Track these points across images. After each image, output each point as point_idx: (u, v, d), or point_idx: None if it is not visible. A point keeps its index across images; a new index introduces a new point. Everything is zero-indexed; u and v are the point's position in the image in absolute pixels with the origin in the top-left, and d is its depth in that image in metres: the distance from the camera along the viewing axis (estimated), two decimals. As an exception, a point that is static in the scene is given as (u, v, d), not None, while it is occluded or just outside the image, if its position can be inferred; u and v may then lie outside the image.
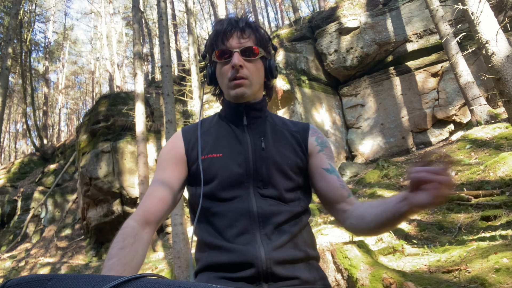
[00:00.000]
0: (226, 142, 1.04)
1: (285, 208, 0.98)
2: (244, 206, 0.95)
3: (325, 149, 1.11)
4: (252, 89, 1.02)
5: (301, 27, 12.06)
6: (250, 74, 1.01)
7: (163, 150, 1.10)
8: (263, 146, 1.01)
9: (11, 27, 10.79)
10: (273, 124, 1.10)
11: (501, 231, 3.89)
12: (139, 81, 10.17)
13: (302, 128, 1.13)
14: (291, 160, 1.03)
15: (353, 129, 11.08)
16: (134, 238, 0.89)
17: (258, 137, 1.04)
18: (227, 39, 1.00)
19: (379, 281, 3.05)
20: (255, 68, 1.03)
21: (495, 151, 6.32)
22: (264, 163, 0.99)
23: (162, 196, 0.99)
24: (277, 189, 0.98)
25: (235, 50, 0.99)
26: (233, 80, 1.00)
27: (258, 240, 0.91)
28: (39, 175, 17.86)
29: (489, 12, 4.77)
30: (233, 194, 0.97)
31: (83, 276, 0.40)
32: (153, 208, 0.98)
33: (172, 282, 0.41)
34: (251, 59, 1.02)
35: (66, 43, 32.78)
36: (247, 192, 0.97)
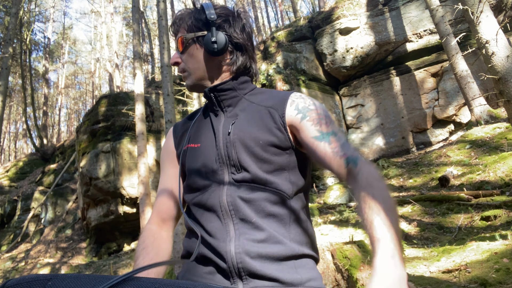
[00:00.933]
0: (203, 131, 1.03)
1: (263, 195, 0.89)
2: (214, 196, 0.90)
3: (308, 114, 0.95)
4: (194, 77, 1.02)
5: (301, 27, 12.06)
6: (185, 66, 1.02)
7: (162, 150, 1.14)
8: (229, 130, 0.96)
9: (11, 26, 10.79)
10: (250, 103, 1.01)
11: (501, 231, 3.89)
12: (139, 81, 10.17)
13: (280, 100, 0.99)
14: (262, 139, 0.93)
15: (353, 129, 11.08)
16: (153, 237, 0.95)
17: (230, 120, 0.98)
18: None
19: (379, 281, 3.04)
20: (189, 57, 1.02)
21: (495, 151, 6.32)
22: (233, 147, 0.93)
23: (168, 191, 1.03)
24: (250, 171, 0.90)
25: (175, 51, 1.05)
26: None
27: (231, 232, 0.86)
28: (39, 175, 17.86)
29: (489, 12, 4.77)
30: (205, 184, 0.94)
31: (83, 276, 0.40)
32: (164, 206, 1.02)
33: (172, 282, 0.41)
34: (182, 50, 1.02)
35: (66, 43, 32.78)
36: (221, 180, 0.92)
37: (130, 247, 11.45)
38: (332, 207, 7.09)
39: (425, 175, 6.92)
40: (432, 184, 6.38)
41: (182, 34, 1.00)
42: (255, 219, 0.87)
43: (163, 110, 10.73)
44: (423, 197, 5.81)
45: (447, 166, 6.73)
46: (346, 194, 7.55)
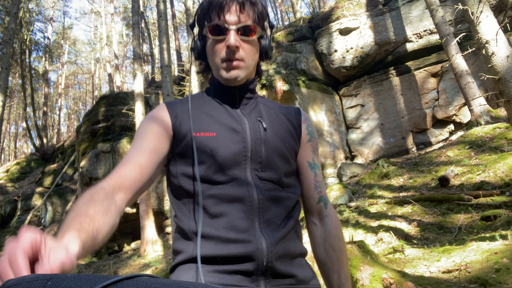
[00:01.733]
0: (219, 121, 0.93)
1: (284, 194, 0.91)
2: (243, 189, 0.86)
3: (312, 140, 1.05)
4: (247, 72, 0.93)
5: (301, 27, 12.06)
6: (246, 56, 0.91)
7: (144, 121, 0.97)
8: (264, 126, 0.94)
9: (11, 26, 10.79)
10: (266, 106, 1.02)
11: (501, 231, 3.88)
12: (139, 82, 10.18)
13: (294, 112, 1.05)
14: (289, 143, 0.97)
15: (353, 129, 11.08)
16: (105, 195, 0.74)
17: (255, 117, 0.96)
18: (224, 13, 0.88)
19: (379, 281, 3.05)
20: (252, 49, 0.93)
21: (495, 151, 6.32)
22: (264, 144, 0.91)
23: (141, 162, 0.86)
24: (277, 172, 0.91)
25: (232, 28, 0.88)
26: (227, 61, 0.90)
27: (257, 229, 0.83)
28: (39, 176, 17.87)
29: (489, 12, 4.77)
30: (229, 176, 0.87)
31: (83, 276, 0.40)
32: (128, 173, 0.84)
33: (172, 282, 0.41)
34: (249, 39, 0.91)
35: (66, 43, 32.79)
36: (244, 174, 0.88)
37: (130, 247, 11.45)
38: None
39: (425, 175, 6.92)
40: (432, 184, 6.38)
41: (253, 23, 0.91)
42: (278, 219, 0.88)
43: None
44: (423, 197, 5.80)
45: (447, 166, 6.73)
46: (346, 194, 7.55)
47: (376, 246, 4.71)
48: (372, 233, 5.17)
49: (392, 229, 5.04)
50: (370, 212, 6.05)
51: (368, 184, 7.86)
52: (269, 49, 0.97)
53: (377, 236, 5.00)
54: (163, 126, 0.93)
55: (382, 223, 5.39)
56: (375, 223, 5.49)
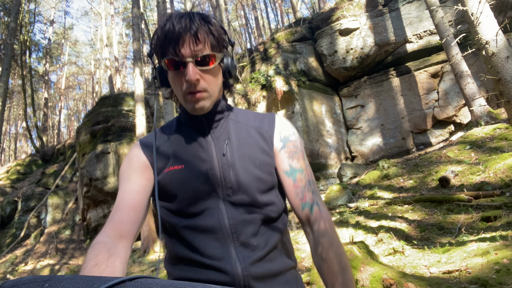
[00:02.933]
0: (188, 151, 0.94)
1: (259, 216, 0.90)
2: (214, 219, 0.87)
3: (287, 145, 0.99)
4: (211, 100, 0.91)
5: (301, 28, 12.07)
6: (208, 85, 0.89)
7: (124, 163, 0.99)
8: (226, 151, 0.93)
9: (11, 27, 10.80)
10: (237, 123, 1.00)
11: (501, 232, 3.88)
12: (139, 82, 10.19)
13: (267, 122, 1.01)
14: (259, 159, 0.94)
15: (353, 130, 11.08)
16: (108, 252, 0.77)
17: (222, 140, 0.95)
18: (179, 46, 0.85)
19: (379, 282, 3.04)
20: (213, 77, 0.90)
21: (495, 151, 6.31)
22: (231, 168, 0.91)
23: (134, 204, 0.89)
24: (248, 194, 0.90)
25: (189, 60, 0.85)
26: (190, 94, 0.88)
27: (233, 255, 0.85)
28: (39, 176, 17.87)
29: (489, 12, 4.77)
30: (201, 208, 0.88)
31: (81, 278, 0.39)
32: (125, 219, 0.86)
33: (171, 283, 0.40)
34: (208, 67, 0.88)
35: (66, 43, 32.82)
36: (217, 203, 0.89)
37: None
38: (332, 208, 7.09)
39: (425, 175, 6.91)
40: (432, 185, 6.38)
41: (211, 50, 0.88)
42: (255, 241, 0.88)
43: (163, 111, 10.73)
44: (423, 198, 5.80)
45: (447, 166, 6.73)
46: (346, 195, 7.54)
47: (376, 247, 4.71)
48: (372, 234, 5.16)
49: (392, 229, 5.03)
50: (370, 213, 6.04)
51: (368, 184, 7.85)
52: (232, 68, 0.94)
53: (377, 236, 4.99)
54: (141, 163, 0.95)
55: (382, 223, 5.38)
56: (375, 224, 5.49)
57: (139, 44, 10.87)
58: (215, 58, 0.89)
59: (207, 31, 0.87)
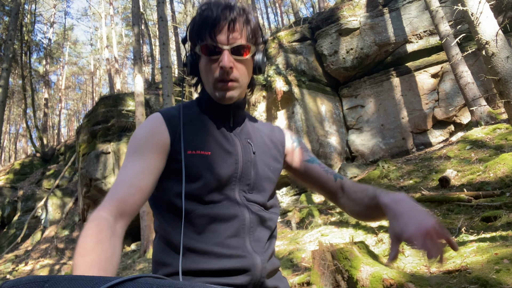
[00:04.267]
0: (214, 140, 0.93)
1: (268, 215, 0.95)
2: (235, 209, 0.88)
3: (300, 143, 1.11)
4: (240, 91, 0.92)
5: (301, 28, 12.07)
6: (240, 76, 0.90)
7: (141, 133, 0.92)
8: (253, 150, 0.96)
9: (12, 27, 10.80)
10: (253, 127, 1.04)
11: (501, 232, 3.88)
12: (139, 82, 10.19)
13: (277, 131, 1.10)
14: (273, 166, 1.01)
15: (353, 130, 11.08)
16: (111, 230, 0.72)
17: (245, 139, 0.97)
18: (216, 32, 0.86)
19: (379, 282, 3.04)
20: (245, 68, 0.91)
21: (495, 151, 6.31)
22: (253, 167, 0.94)
23: (142, 186, 0.83)
24: (263, 194, 0.94)
25: (225, 48, 0.86)
26: (222, 82, 0.88)
27: (248, 247, 0.86)
28: (39, 176, 17.87)
29: (489, 13, 4.76)
30: (221, 196, 0.88)
31: (81, 278, 0.39)
32: (130, 199, 0.81)
33: (170, 283, 0.40)
34: (242, 58, 0.89)
35: (66, 44, 32.82)
36: (233, 194, 0.90)
37: (131, 248, 11.44)
38: (332, 208, 7.09)
39: (425, 176, 6.91)
40: (432, 185, 6.38)
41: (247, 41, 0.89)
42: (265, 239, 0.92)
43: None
44: (423, 198, 5.80)
45: (447, 167, 6.73)
46: (346, 195, 7.53)
47: (376, 247, 4.71)
48: (373, 234, 5.16)
49: (392, 230, 5.03)
50: (370, 213, 6.04)
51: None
52: (263, 64, 0.96)
53: (377, 236, 5.00)
54: (161, 142, 0.90)
55: (382, 223, 5.38)
56: (375, 224, 5.49)
57: (139, 44, 10.87)
58: (249, 49, 0.90)
59: (245, 22, 0.89)
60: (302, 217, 6.89)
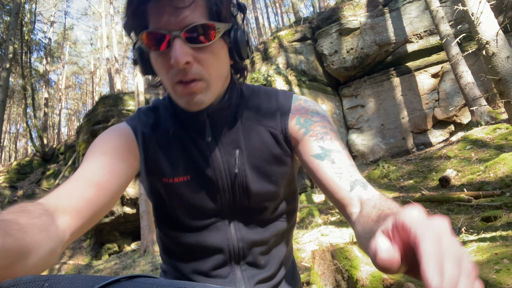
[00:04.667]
0: (190, 158, 0.77)
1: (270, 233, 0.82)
2: (221, 238, 0.78)
3: (310, 128, 0.77)
4: (212, 92, 0.68)
5: (302, 28, 12.06)
6: (205, 70, 0.65)
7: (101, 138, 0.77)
8: (235, 171, 0.76)
9: (12, 26, 10.80)
10: (246, 122, 0.79)
11: (501, 232, 3.88)
12: (140, 82, 10.18)
13: (280, 114, 0.80)
14: (274, 173, 0.79)
15: (353, 130, 11.07)
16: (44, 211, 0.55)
17: (230, 149, 0.77)
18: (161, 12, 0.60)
19: (379, 281, 3.04)
20: (213, 58, 0.65)
21: (495, 151, 6.31)
22: (240, 188, 0.77)
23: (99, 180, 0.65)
24: (261, 212, 0.80)
25: (174, 35, 0.60)
26: (179, 84, 0.64)
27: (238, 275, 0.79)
28: (39, 176, 17.88)
29: (489, 13, 4.76)
30: (204, 223, 0.78)
31: (80, 277, 0.39)
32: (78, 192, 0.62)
33: (170, 283, 0.40)
34: (204, 45, 0.63)
35: (66, 43, 32.83)
36: (223, 221, 0.79)
37: (131, 247, 11.44)
38: (332, 208, 7.09)
39: (425, 175, 6.91)
40: (433, 185, 6.38)
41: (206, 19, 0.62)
42: (263, 259, 0.81)
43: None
44: (423, 198, 5.80)
45: (447, 166, 6.73)
46: (346, 194, 7.53)
47: (376, 247, 4.70)
48: (372, 234, 5.16)
49: (392, 229, 5.03)
50: (370, 213, 6.04)
51: (368, 184, 7.85)
52: (242, 43, 0.68)
53: (377, 236, 4.99)
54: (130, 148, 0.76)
55: (382, 223, 5.38)
56: (375, 224, 5.48)
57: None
58: (214, 30, 0.63)
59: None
60: (302, 216, 6.88)
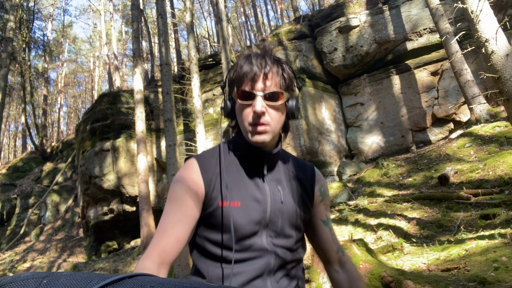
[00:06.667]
0: (245, 189, 0.99)
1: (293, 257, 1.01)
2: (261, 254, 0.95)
3: (325, 199, 1.13)
4: (272, 135, 0.98)
5: (301, 25, 12.04)
6: (271, 120, 0.96)
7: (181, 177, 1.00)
8: (281, 199, 1.00)
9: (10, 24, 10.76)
10: (287, 171, 1.08)
11: (500, 230, 3.89)
12: (138, 80, 10.17)
13: (310, 175, 1.12)
14: (302, 214, 1.04)
15: (352, 128, 11.08)
16: None
17: (275, 185, 1.02)
18: (253, 80, 0.95)
19: (378, 279, 3.05)
20: (277, 113, 0.98)
21: (494, 149, 6.32)
22: (281, 215, 0.99)
23: (179, 235, 0.92)
24: (289, 240, 1.00)
25: (259, 94, 0.94)
26: (254, 125, 0.95)
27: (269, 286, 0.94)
28: (38, 174, 17.87)
29: (488, 10, 4.75)
30: (249, 243, 0.95)
31: (79, 275, 0.39)
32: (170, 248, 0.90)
33: (168, 281, 0.40)
34: (275, 104, 0.96)
35: (65, 41, 32.73)
36: (261, 240, 0.96)
37: (130, 245, 11.46)
38: (331, 206, 7.10)
39: (424, 173, 6.92)
40: (432, 183, 6.39)
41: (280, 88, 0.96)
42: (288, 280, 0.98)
43: (162, 109, 10.71)
44: (422, 196, 5.81)
45: (446, 164, 6.74)
46: (346, 192, 7.55)
47: (375, 244, 4.72)
48: (372, 232, 5.18)
49: (391, 227, 5.04)
50: (370, 211, 6.05)
51: (367, 182, 7.86)
52: (296, 110, 1.02)
53: (376, 234, 5.01)
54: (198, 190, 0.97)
55: (381, 221, 5.39)
56: (374, 222, 5.50)
57: (138, 41, 10.84)
58: (282, 96, 0.96)
59: (278, 72, 0.97)
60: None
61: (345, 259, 1.14)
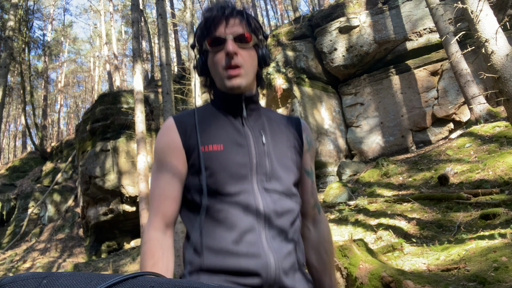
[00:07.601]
0: (225, 133, 0.97)
1: (289, 204, 0.94)
2: (250, 201, 0.89)
3: (311, 148, 1.11)
4: (247, 79, 0.97)
5: (301, 25, 12.04)
6: (244, 62, 0.96)
7: (158, 145, 1.00)
8: (263, 141, 0.98)
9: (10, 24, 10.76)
10: (269, 118, 1.06)
11: (500, 230, 3.89)
12: (138, 80, 10.17)
13: (295, 123, 1.11)
14: (293, 156, 1.02)
15: (352, 128, 11.07)
16: (162, 249, 0.89)
17: (258, 130, 1.00)
18: (219, 26, 0.96)
19: (378, 279, 3.05)
20: (249, 56, 0.97)
21: (494, 149, 6.32)
22: (267, 157, 0.96)
23: (173, 195, 0.94)
24: (281, 183, 0.95)
25: (228, 37, 0.94)
26: (228, 69, 0.95)
27: (264, 243, 0.86)
28: (38, 174, 17.87)
29: (488, 10, 4.75)
30: (237, 188, 0.90)
31: (79, 275, 0.39)
32: (169, 210, 0.93)
33: (168, 281, 0.40)
34: (245, 45, 0.97)
35: (65, 41, 32.73)
36: (251, 186, 0.91)
37: (130, 245, 11.45)
38: (331, 206, 7.10)
39: (424, 173, 6.92)
40: (432, 183, 6.39)
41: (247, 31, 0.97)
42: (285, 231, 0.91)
43: (162, 109, 10.72)
44: (422, 196, 5.81)
45: (446, 164, 6.74)
46: (346, 193, 7.55)
47: (375, 245, 4.72)
48: (371, 232, 5.18)
49: (391, 227, 5.04)
50: (370, 211, 6.05)
51: (367, 182, 7.86)
52: (267, 56, 1.02)
53: (376, 234, 5.01)
54: (176, 146, 0.97)
55: (381, 221, 5.40)
56: (374, 222, 5.50)
57: (138, 41, 10.84)
58: (251, 38, 0.97)
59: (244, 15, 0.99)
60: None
61: (320, 218, 1.10)
